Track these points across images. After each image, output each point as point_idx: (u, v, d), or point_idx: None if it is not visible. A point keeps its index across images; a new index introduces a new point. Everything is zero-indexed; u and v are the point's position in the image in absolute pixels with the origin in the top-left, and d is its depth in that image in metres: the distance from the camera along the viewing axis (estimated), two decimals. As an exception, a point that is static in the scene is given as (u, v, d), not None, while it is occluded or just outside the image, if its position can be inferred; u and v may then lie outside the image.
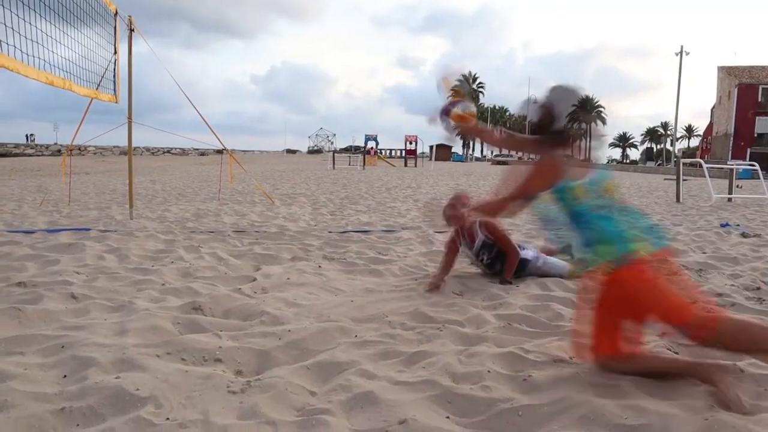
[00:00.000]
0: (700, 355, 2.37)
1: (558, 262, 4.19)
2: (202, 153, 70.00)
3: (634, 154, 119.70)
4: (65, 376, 2.22)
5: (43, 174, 21.13)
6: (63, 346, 2.48)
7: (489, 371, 2.30)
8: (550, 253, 4.29)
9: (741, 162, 34.94)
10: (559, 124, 2.56)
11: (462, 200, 3.99)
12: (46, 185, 13.58)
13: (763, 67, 55.74)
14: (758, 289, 3.92)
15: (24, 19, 4.07)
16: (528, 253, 4.17)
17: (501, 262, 4.06)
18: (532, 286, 3.94)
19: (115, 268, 4.19)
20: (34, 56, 4.25)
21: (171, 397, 2.05)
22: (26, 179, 17.63)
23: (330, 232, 6.34)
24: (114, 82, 6.75)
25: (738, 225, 7.65)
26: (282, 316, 3.00)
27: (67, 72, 5.11)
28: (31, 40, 4.20)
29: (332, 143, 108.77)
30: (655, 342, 2.73)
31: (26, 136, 75.82)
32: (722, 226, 7.45)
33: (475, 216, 3.25)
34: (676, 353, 2.58)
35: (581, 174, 2.42)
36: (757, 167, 13.91)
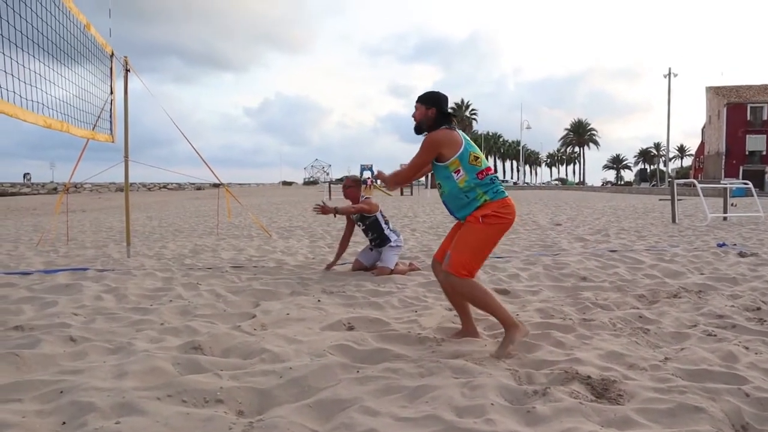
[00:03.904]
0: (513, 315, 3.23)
1: (392, 258, 5.69)
2: (199, 187, 70.19)
3: (629, 175, 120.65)
4: (64, 422, 2.19)
5: (40, 213, 21.12)
6: (62, 392, 2.45)
7: (492, 404, 2.28)
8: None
9: (734, 180, 35.22)
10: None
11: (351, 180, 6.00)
12: (42, 224, 13.56)
13: (749, 87, 56.63)
14: (758, 309, 3.92)
15: (18, 62, 4.10)
16: (393, 236, 5.81)
17: (373, 233, 5.85)
18: (534, 314, 3.93)
19: (114, 308, 4.17)
20: (31, 100, 4.29)
21: (172, 441, 2.02)
22: (23, 218, 17.62)
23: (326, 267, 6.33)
24: (110, 121, 6.81)
25: (735, 244, 7.68)
26: (282, 353, 2.98)
27: (63, 114, 5.15)
28: (28, 83, 4.25)
29: (328, 174, 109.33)
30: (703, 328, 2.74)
31: (23, 175, 76.03)
32: (719, 245, 7.47)
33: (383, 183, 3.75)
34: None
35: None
36: (750, 185, 14.03)
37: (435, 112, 3.26)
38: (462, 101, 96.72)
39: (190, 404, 2.36)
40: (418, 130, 3.33)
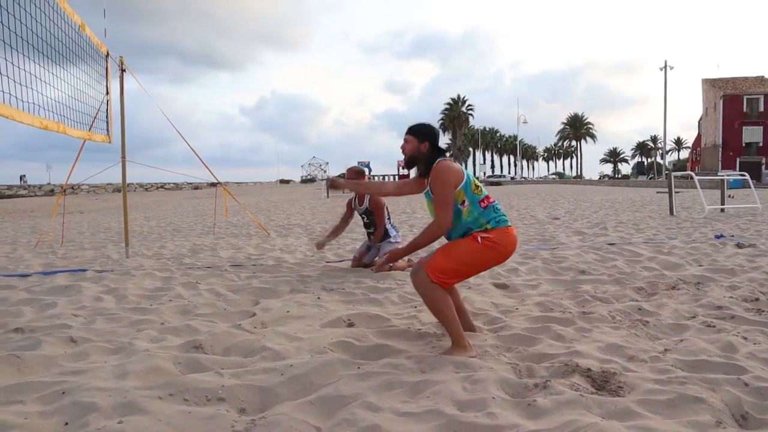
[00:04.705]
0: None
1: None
2: (196, 187, 70.19)
3: (626, 168, 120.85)
4: (66, 423, 2.19)
5: (37, 215, 21.08)
6: (63, 393, 2.46)
7: (493, 398, 2.29)
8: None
9: (731, 172, 35.33)
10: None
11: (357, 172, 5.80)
12: (40, 226, 13.54)
13: (745, 78, 56.72)
14: (757, 300, 3.94)
15: (13, 63, 4.08)
16: (392, 232, 5.94)
17: (375, 228, 5.87)
18: (533, 307, 3.95)
19: (113, 308, 4.17)
20: (27, 101, 4.29)
21: (175, 440, 2.02)
22: (20, 221, 17.58)
23: (327, 262, 6.34)
24: (106, 122, 6.79)
25: (732, 236, 7.70)
26: (283, 350, 2.98)
27: (59, 115, 5.14)
28: (23, 85, 4.24)
29: (325, 171, 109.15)
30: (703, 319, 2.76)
31: (20, 177, 75.99)
32: (717, 237, 7.49)
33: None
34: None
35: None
36: (747, 176, 14.07)
37: (428, 146, 3.13)
38: (458, 96, 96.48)
39: (191, 403, 2.37)
40: (410, 163, 3.20)
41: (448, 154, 3.22)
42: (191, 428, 2.11)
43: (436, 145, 3.15)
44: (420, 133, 3.15)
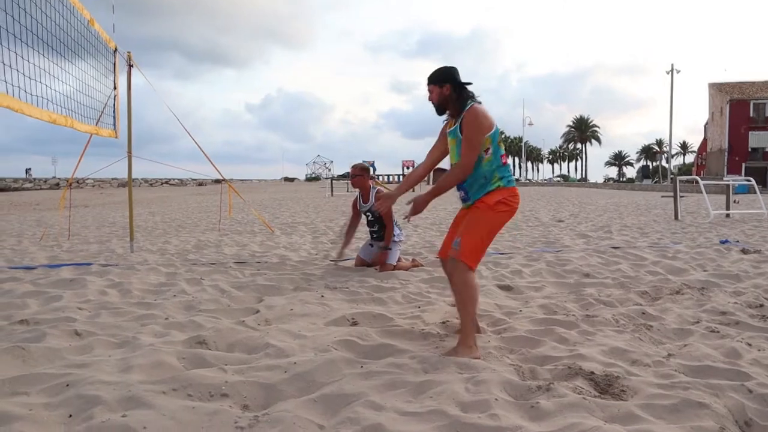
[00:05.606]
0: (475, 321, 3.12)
1: (394, 253, 5.69)
2: (201, 183, 70.36)
3: (631, 172, 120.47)
4: (71, 415, 2.20)
5: (42, 208, 21.17)
6: (68, 385, 2.47)
7: (496, 399, 2.29)
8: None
9: (737, 177, 35.20)
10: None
11: (364, 170, 5.89)
12: (45, 219, 13.59)
13: (752, 83, 56.41)
14: (761, 306, 3.92)
15: (23, 57, 4.10)
16: (396, 231, 5.74)
17: (379, 227, 5.77)
18: (537, 310, 3.94)
19: (118, 303, 4.19)
20: (35, 95, 4.30)
21: (178, 434, 2.03)
22: (25, 213, 17.66)
23: (331, 260, 6.35)
24: (114, 117, 6.81)
25: (737, 241, 7.67)
26: (287, 348, 2.99)
27: (67, 109, 5.16)
28: (32, 78, 4.25)
29: (330, 170, 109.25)
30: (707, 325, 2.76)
31: (25, 170, 76.37)
32: (722, 242, 7.47)
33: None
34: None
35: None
36: (753, 182, 14.01)
37: (450, 88, 3.12)
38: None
39: (195, 398, 2.38)
40: (441, 110, 3.20)
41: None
42: (194, 423, 2.12)
43: (457, 84, 3.13)
44: (437, 79, 3.15)
